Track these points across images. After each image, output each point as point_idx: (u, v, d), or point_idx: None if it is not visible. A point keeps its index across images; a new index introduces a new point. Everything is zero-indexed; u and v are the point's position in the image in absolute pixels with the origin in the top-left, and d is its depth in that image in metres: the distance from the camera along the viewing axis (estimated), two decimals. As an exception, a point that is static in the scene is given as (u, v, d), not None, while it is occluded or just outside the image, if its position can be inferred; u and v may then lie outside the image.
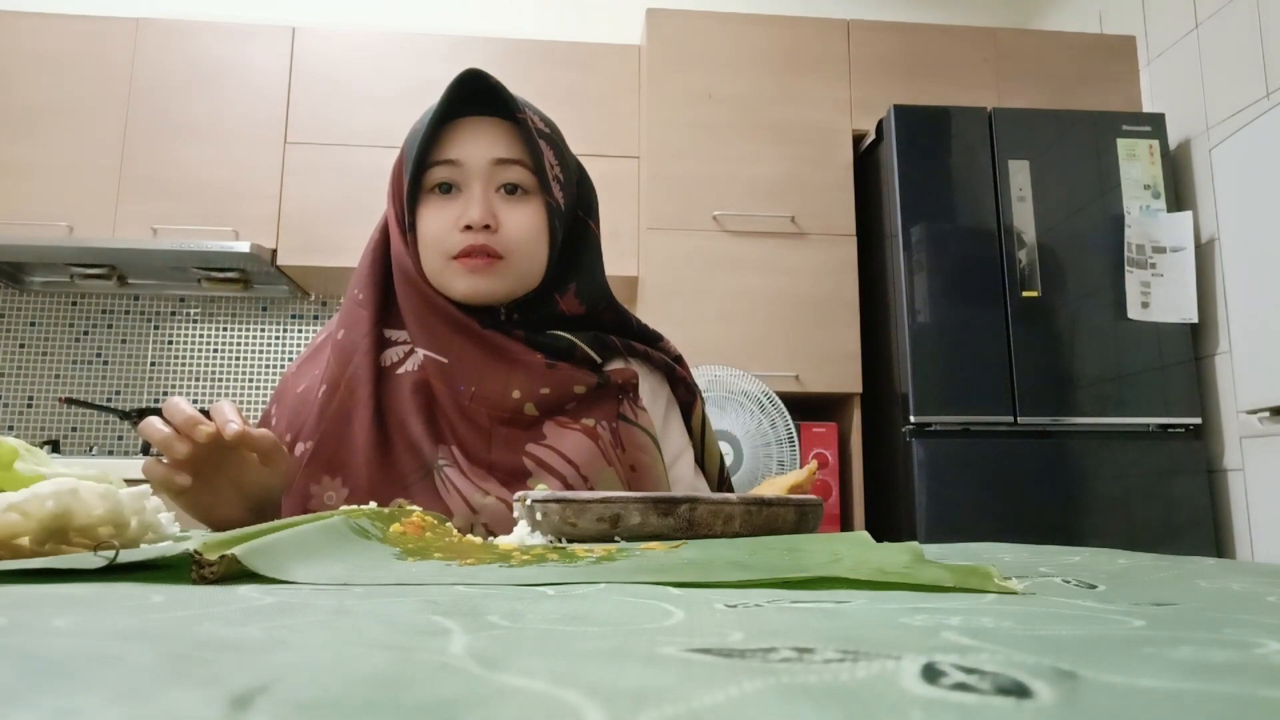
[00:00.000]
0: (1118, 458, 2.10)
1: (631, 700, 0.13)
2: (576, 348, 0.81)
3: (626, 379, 0.84)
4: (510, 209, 0.79)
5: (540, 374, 0.78)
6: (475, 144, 0.78)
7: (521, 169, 0.79)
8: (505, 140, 0.79)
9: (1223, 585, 0.33)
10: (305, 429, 0.78)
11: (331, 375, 0.80)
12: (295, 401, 0.82)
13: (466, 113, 0.80)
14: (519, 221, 0.78)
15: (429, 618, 0.22)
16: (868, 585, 0.31)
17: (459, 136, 0.79)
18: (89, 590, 0.27)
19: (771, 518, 0.54)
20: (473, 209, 0.77)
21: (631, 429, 0.82)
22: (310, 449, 0.77)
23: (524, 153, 0.79)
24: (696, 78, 2.43)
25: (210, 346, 2.72)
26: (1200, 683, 0.15)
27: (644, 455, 0.82)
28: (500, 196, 0.79)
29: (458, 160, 0.78)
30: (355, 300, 0.83)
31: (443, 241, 0.78)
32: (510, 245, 0.78)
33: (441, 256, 0.78)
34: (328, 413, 0.78)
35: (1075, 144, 2.24)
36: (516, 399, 0.77)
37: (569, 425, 0.79)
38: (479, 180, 0.78)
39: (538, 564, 0.38)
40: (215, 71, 2.49)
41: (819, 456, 2.26)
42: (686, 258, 2.32)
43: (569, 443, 0.78)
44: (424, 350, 0.79)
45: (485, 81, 0.78)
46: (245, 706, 0.12)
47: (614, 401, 0.83)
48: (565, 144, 0.85)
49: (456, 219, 0.77)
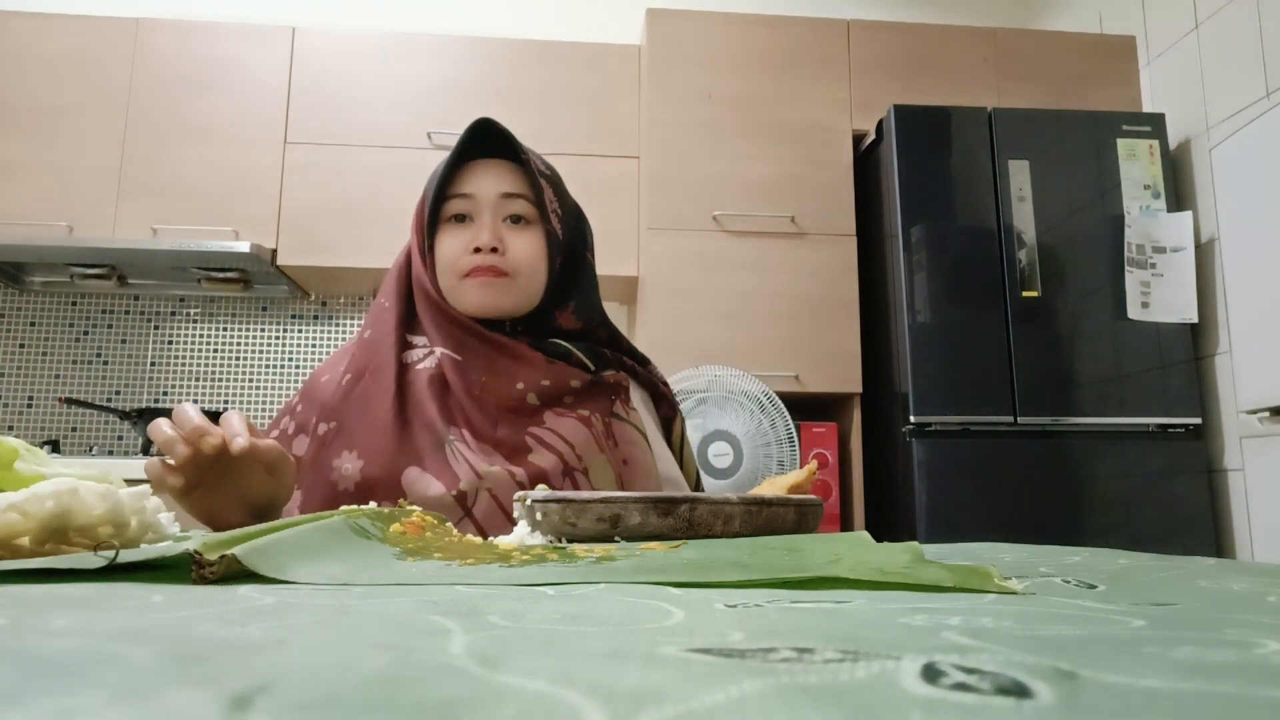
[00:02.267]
0: (1118, 458, 2.10)
1: (631, 700, 0.13)
2: (573, 354, 0.92)
3: (618, 379, 0.94)
4: (515, 235, 0.91)
5: (541, 368, 0.89)
6: (485, 180, 0.91)
7: (525, 202, 0.91)
8: (511, 178, 0.92)
9: (1223, 585, 0.33)
10: (327, 410, 0.87)
11: (357, 365, 0.90)
12: (320, 390, 0.90)
13: (479, 154, 0.92)
14: (522, 246, 0.90)
15: (429, 618, 0.22)
16: (868, 585, 0.31)
17: (472, 175, 0.92)
18: (89, 590, 0.27)
19: (771, 518, 0.54)
20: (483, 234, 0.89)
21: (623, 425, 0.92)
22: (334, 428, 0.85)
23: (527, 188, 0.92)
24: (696, 78, 2.43)
25: (210, 346, 2.72)
26: (1200, 683, 0.15)
27: (634, 450, 0.91)
28: (507, 225, 0.91)
29: (470, 194, 0.91)
30: (381, 308, 0.94)
31: (456, 262, 0.90)
32: (515, 265, 0.90)
33: (455, 275, 0.90)
34: (352, 396, 0.87)
35: (1075, 144, 2.24)
36: (520, 390, 0.87)
37: (566, 414, 0.89)
38: (488, 211, 0.91)
39: (538, 564, 0.38)
40: (215, 71, 2.49)
41: (819, 456, 2.26)
42: (686, 258, 2.32)
43: (566, 426, 0.87)
44: (441, 349, 0.89)
45: (495, 128, 0.90)
46: (245, 706, 0.12)
47: (607, 400, 0.92)
48: (564, 186, 0.97)
49: (469, 243, 0.90)
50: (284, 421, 0.91)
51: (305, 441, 0.87)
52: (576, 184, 0.99)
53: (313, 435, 0.86)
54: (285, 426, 0.90)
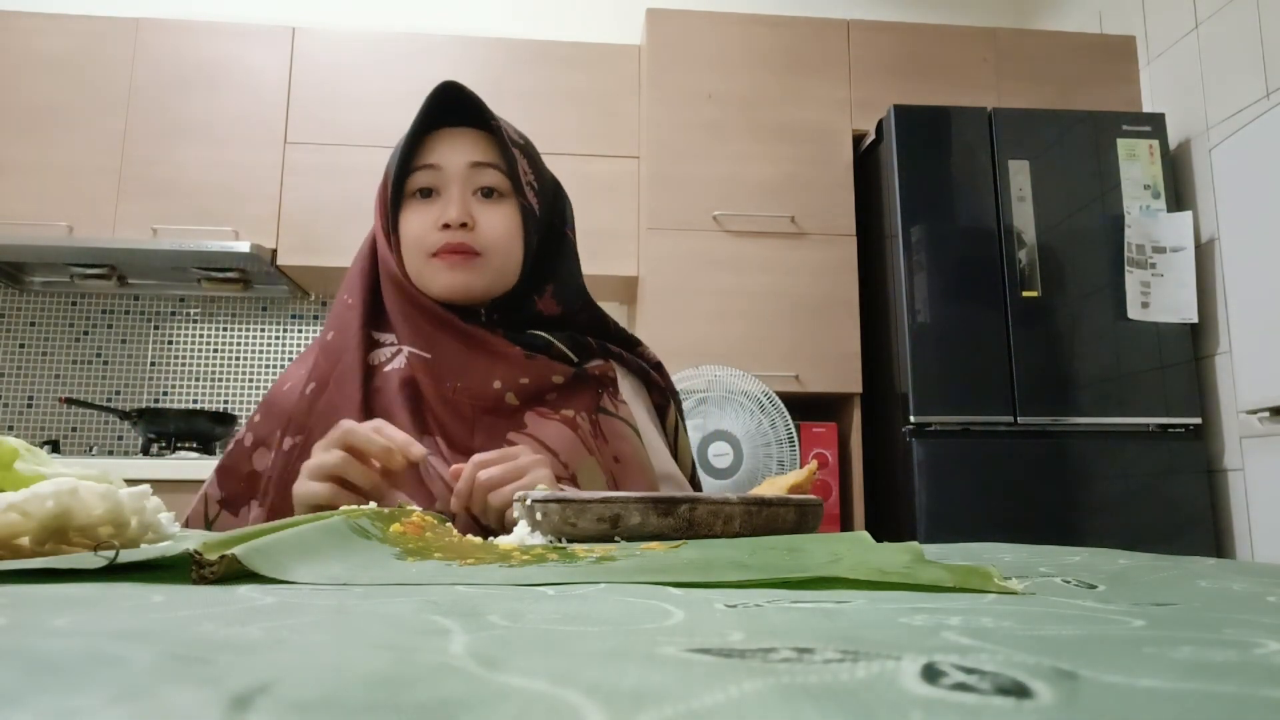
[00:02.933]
0: (1118, 458, 2.10)
1: (631, 700, 0.13)
2: (553, 346, 0.84)
3: (604, 372, 0.87)
4: (486, 210, 0.83)
5: (519, 364, 0.81)
6: (453, 150, 0.83)
7: (496, 172, 0.83)
8: (481, 146, 0.84)
9: (1223, 585, 0.33)
10: (293, 424, 0.80)
11: (320, 373, 0.82)
12: (282, 399, 0.84)
13: (446, 123, 0.84)
14: (494, 221, 0.83)
15: (429, 618, 0.22)
16: (868, 585, 0.31)
17: (438, 144, 0.84)
18: (89, 590, 0.27)
19: (771, 518, 0.54)
20: (450, 209, 0.81)
21: (612, 420, 0.85)
22: (299, 443, 0.79)
23: (499, 158, 0.84)
24: (696, 78, 2.43)
25: (210, 346, 2.72)
26: (1200, 683, 0.15)
27: (626, 445, 0.84)
28: (477, 199, 0.83)
29: (437, 164, 0.83)
30: (344, 305, 0.86)
31: (423, 240, 0.82)
32: (486, 243, 0.82)
33: (422, 255, 0.82)
34: (316, 408, 0.80)
35: (1075, 144, 2.24)
36: (497, 389, 0.80)
37: (549, 416, 0.82)
38: (457, 183, 0.82)
39: (538, 564, 0.38)
40: (215, 71, 2.49)
41: (819, 456, 2.26)
42: (686, 258, 2.32)
43: (549, 432, 0.80)
44: (409, 348, 0.82)
45: (462, 93, 0.82)
46: (245, 706, 0.12)
47: (593, 394, 0.86)
48: (539, 157, 0.89)
49: (436, 219, 0.82)
50: (242, 433, 0.84)
51: (267, 455, 0.81)
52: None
53: (278, 450, 0.80)
54: (243, 438, 0.84)
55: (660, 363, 0.96)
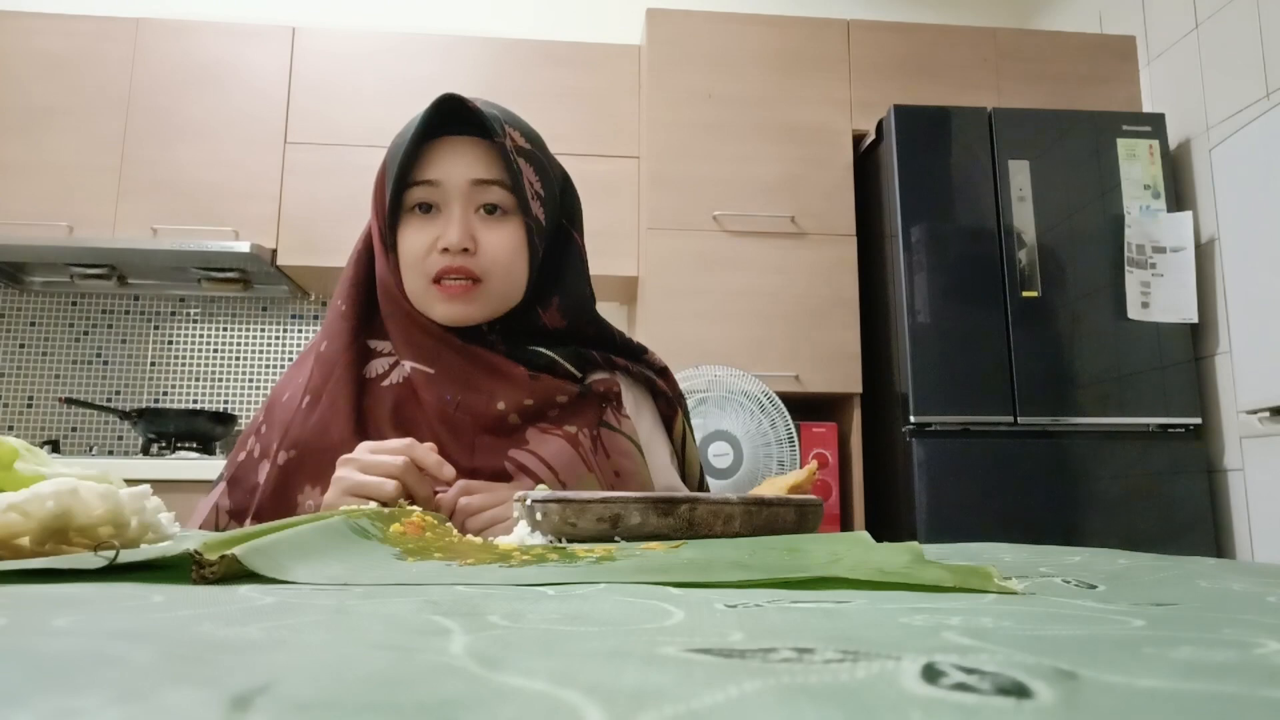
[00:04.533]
0: (1118, 458, 2.10)
1: (631, 700, 0.13)
2: (557, 364, 0.82)
3: (608, 387, 0.85)
4: (489, 230, 0.79)
5: (524, 386, 0.79)
6: (454, 165, 0.79)
7: (500, 189, 0.79)
8: (484, 160, 0.79)
9: (1223, 585, 0.33)
10: (287, 438, 0.79)
11: (314, 386, 0.81)
12: (281, 410, 0.83)
13: (447, 131, 0.80)
14: (498, 243, 0.79)
15: (429, 618, 0.22)
16: (868, 585, 0.31)
17: (439, 156, 0.79)
18: (89, 590, 0.27)
19: (771, 518, 0.54)
20: (451, 231, 0.77)
21: (615, 436, 0.83)
22: (294, 458, 0.78)
23: (503, 173, 0.79)
24: (696, 78, 2.43)
25: (210, 346, 2.72)
26: (1200, 683, 0.15)
27: (627, 461, 0.83)
28: (479, 217, 0.79)
29: (437, 181, 0.78)
30: (338, 311, 0.84)
31: (422, 263, 0.78)
32: (489, 266, 0.78)
33: (422, 278, 0.79)
34: (309, 423, 0.79)
35: (1075, 144, 2.24)
36: (501, 410, 0.78)
37: (550, 431, 0.80)
38: (458, 201, 0.78)
39: (538, 564, 0.38)
40: (215, 71, 2.49)
41: (819, 456, 2.26)
42: (686, 258, 2.32)
43: (549, 448, 0.78)
44: (410, 363, 0.79)
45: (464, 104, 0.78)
46: (245, 706, 0.12)
47: (596, 410, 0.83)
48: (547, 154, 0.85)
49: (435, 240, 0.78)
50: (250, 442, 0.83)
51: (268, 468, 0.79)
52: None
53: (274, 463, 0.78)
54: (251, 448, 0.82)
55: (666, 367, 0.94)
